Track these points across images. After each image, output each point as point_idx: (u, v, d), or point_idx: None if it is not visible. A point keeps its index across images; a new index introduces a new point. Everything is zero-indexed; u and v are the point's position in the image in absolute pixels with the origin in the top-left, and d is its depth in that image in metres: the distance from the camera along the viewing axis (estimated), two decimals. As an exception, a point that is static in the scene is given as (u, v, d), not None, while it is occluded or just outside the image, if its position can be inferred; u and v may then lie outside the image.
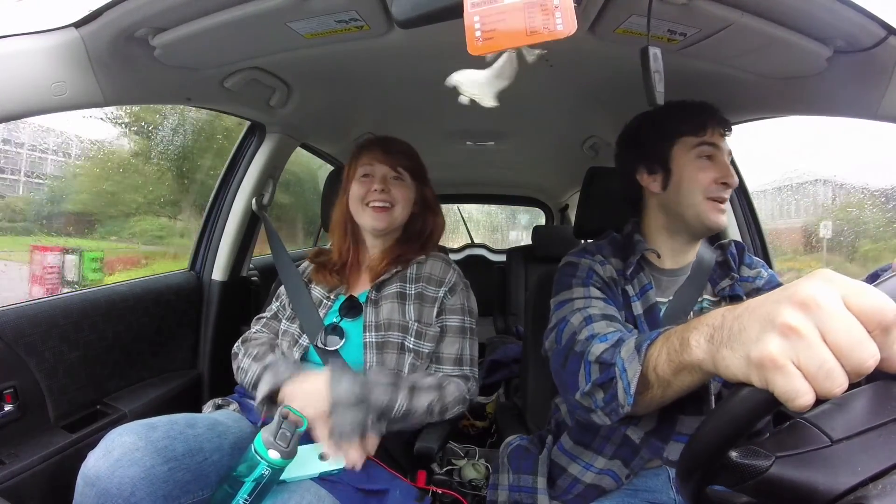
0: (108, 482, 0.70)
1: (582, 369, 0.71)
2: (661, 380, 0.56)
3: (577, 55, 1.01)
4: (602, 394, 0.67)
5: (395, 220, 1.06)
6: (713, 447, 0.42)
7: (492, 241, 3.94)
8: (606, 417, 0.67)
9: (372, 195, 1.04)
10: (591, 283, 0.86)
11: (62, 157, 1.80)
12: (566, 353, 0.77)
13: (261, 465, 0.74)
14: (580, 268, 0.89)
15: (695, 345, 0.49)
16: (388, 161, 1.06)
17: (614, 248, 0.94)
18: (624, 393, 0.61)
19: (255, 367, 0.99)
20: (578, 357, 0.73)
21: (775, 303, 0.37)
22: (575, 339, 0.76)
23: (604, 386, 0.66)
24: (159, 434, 0.77)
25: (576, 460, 0.86)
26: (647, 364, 0.58)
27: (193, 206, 2.02)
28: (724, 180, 0.84)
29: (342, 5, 0.79)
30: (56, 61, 0.77)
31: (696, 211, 0.85)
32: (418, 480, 0.96)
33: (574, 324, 0.79)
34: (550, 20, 0.46)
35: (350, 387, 0.85)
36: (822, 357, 0.33)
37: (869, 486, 0.36)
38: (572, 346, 0.76)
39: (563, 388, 0.78)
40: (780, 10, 0.73)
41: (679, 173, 0.87)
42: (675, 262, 0.92)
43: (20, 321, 0.99)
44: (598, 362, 0.68)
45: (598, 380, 0.67)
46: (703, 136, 0.86)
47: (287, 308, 1.11)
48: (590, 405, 0.69)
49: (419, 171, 1.11)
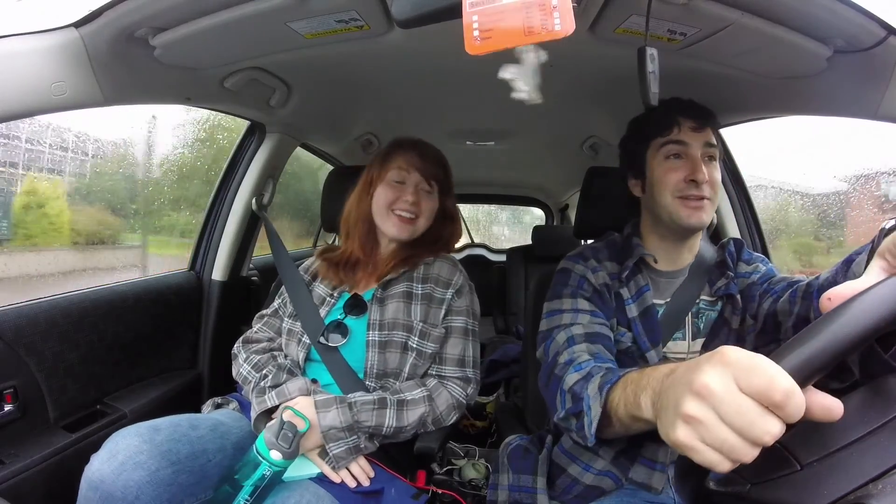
0: (112, 486, 0.70)
1: (558, 395, 0.75)
2: (620, 422, 0.61)
3: (577, 55, 1.01)
4: (575, 421, 0.70)
5: (417, 232, 1.06)
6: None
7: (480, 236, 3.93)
8: (581, 440, 0.70)
9: (401, 204, 1.02)
10: (580, 293, 0.88)
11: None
12: (549, 372, 0.81)
13: (263, 465, 0.75)
14: (572, 276, 0.90)
15: (644, 406, 0.52)
16: (424, 169, 1.05)
17: (611, 250, 0.94)
18: (588, 429, 0.65)
19: (254, 376, 0.99)
20: (557, 381, 0.77)
21: (681, 387, 0.40)
22: (556, 360, 0.80)
23: (576, 415, 0.70)
24: (163, 437, 0.77)
25: (575, 461, 0.86)
26: (608, 406, 0.62)
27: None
28: (692, 177, 0.82)
29: (342, 5, 0.79)
30: (56, 61, 0.77)
31: (668, 211, 0.85)
32: (418, 480, 0.96)
33: (558, 342, 0.82)
34: (548, 20, 0.46)
35: (336, 415, 0.86)
36: (722, 437, 0.36)
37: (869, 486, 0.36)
38: (553, 368, 0.80)
39: (548, 404, 0.81)
40: (780, 10, 0.73)
41: (651, 176, 0.89)
42: (672, 264, 0.92)
43: (20, 321, 0.99)
44: (571, 392, 0.72)
45: (571, 409, 0.71)
46: (669, 135, 0.86)
47: (289, 305, 1.11)
48: (568, 427, 0.73)
49: (447, 183, 1.10)
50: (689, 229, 0.87)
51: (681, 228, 0.87)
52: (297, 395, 0.91)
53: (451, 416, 0.99)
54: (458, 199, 3.71)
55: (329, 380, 0.99)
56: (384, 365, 0.98)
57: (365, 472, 0.87)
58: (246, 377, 1.01)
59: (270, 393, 0.92)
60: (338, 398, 0.89)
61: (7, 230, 1.45)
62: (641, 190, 0.93)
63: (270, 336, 1.12)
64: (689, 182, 0.83)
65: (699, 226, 0.86)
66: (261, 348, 1.07)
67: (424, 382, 0.99)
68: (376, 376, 0.98)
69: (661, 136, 0.86)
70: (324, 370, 0.99)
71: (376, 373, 0.98)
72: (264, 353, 1.05)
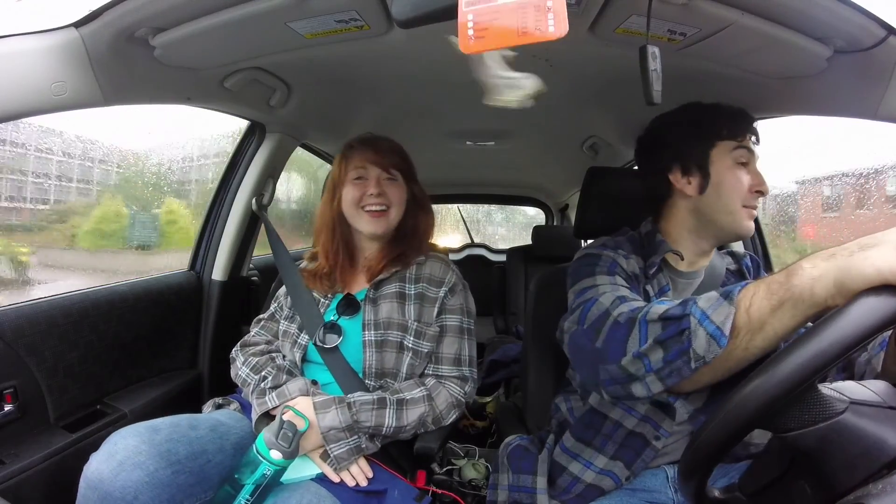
0: (111, 486, 0.70)
1: (634, 333, 0.65)
2: (752, 323, 0.53)
3: (577, 55, 1.01)
4: (662, 352, 0.61)
5: (392, 223, 1.05)
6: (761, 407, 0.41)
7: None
8: (658, 382, 0.62)
9: (368, 199, 1.02)
10: (616, 272, 0.83)
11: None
12: (598, 326, 0.72)
13: (263, 465, 0.75)
14: (603, 258, 0.86)
15: (808, 266, 0.48)
16: (381, 162, 1.04)
17: (633, 245, 0.92)
18: (706, 341, 0.56)
19: (253, 378, 0.99)
20: (627, 324, 0.67)
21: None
22: (610, 313, 0.72)
23: (667, 342, 0.61)
24: (162, 437, 0.77)
25: (576, 458, 0.86)
26: (738, 306, 0.55)
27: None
28: (760, 188, 0.83)
29: (342, 5, 0.79)
30: (56, 61, 0.77)
31: (732, 218, 0.84)
32: (418, 480, 0.96)
33: (604, 303, 0.74)
34: (542, 22, 0.46)
35: (336, 416, 0.86)
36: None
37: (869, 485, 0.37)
38: (607, 319, 0.71)
39: (594, 360, 0.71)
40: (780, 10, 0.73)
41: (718, 178, 0.85)
42: (693, 265, 0.91)
43: (20, 321, 0.99)
44: (662, 319, 0.63)
45: (661, 336, 0.61)
46: (743, 140, 0.85)
47: (285, 308, 1.11)
48: (637, 370, 0.64)
49: (409, 170, 1.10)
50: (740, 237, 0.87)
51: (734, 235, 0.87)
52: (297, 395, 0.91)
53: (450, 415, 0.99)
54: (459, 199, 3.72)
55: (329, 379, 0.99)
56: (382, 364, 0.98)
57: (364, 473, 0.87)
58: (245, 379, 1.01)
59: (271, 394, 0.92)
60: (336, 398, 0.89)
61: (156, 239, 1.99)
62: (698, 189, 0.87)
63: (268, 339, 1.12)
64: (755, 192, 0.84)
65: (749, 235, 0.87)
66: (258, 351, 1.06)
67: (423, 382, 0.99)
68: (375, 376, 0.98)
69: (734, 140, 0.85)
70: (323, 370, 0.99)
71: (375, 372, 0.98)
72: (262, 355, 1.05)
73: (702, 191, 0.86)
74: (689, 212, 0.89)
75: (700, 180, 0.86)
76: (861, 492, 0.37)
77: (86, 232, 1.86)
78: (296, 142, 1.58)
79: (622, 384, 0.67)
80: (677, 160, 0.89)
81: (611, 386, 0.69)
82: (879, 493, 0.35)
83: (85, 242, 1.84)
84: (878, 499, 0.35)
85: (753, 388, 0.41)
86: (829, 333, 0.38)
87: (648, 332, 0.64)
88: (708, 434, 0.44)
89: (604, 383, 0.70)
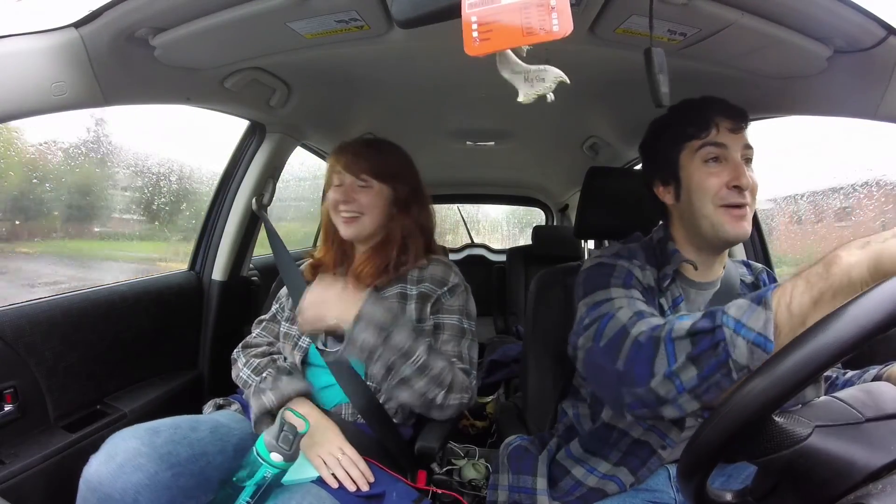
0: (110, 488, 0.70)
1: (661, 352, 0.62)
2: (794, 319, 0.52)
3: (577, 55, 1.01)
4: (695, 370, 0.58)
5: (365, 229, 1.03)
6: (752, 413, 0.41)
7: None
8: (694, 401, 0.59)
9: (340, 206, 1.02)
10: (632, 284, 0.78)
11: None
12: (617, 344, 0.68)
13: (263, 467, 0.75)
14: (617, 269, 0.81)
15: (845, 255, 0.48)
16: (351, 169, 1.03)
17: (647, 254, 0.86)
18: (748, 349, 0.54)
19: (254, 379, 0.99)
20: (650, 343, 0.63)
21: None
22: (628, 331, 0.67)
23: (699, 358, 0.58)
24: (163, 439, 0.76)
25: (581, 463, 0.85)
26: (776, 306, 0.53)
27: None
28: (735, 182, 0.76)
29: (342, 5, 0.79)
30: (56, 61, 0.77)
31: (710, 222, 0.78)
32: (418, 480, 0.96)
33: (622, 318, 0.70)
34: (547, 21, 0.46)
35: (381, 312, 0.89)
36: None
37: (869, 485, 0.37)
38: (626, 338, 0.67)
39: (617, 382, 0.67)
40: (780, 10, 0.73)
41: (687, 181, 0.81)
42: (705, 276, 0.86)
43: (20, 321, 0.99)
44: (690, 334, 0.59)
45: (693, 353, 0.58)
46: (706, 136, 0.79)
47: (286, 309, 1.10)
48: (668, 392, 0.60)
49: (386, 171, 1.04)
50: (730, 241, 0.80)
51: (722, 240, 0.80)
52: (293, 395, 0.91)
53: (459, 396, 0.94)
54: (459, 199, 3.70)
55: (331, 381, 0.98)
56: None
57: (365, 477, 0.86)
58: (246, 381, 1.01)
59: (269, 394, 0.92)
60: (388, 306, 0.92)
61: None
62: (675, 198, 0.84)
63: (270, 340, 1.11)
64: (732, 188, 0.76)
65: (743, 237, 0.79)
66: (260, 352, 1.06)
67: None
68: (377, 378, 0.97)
69: (698, 138, 0.79)
70: (325, 373, 0.99)
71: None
72: (264, 356, 1.04)
73: (677, 198, 0.84)
74: (679, 221, 0.86)
75: (674, 187, 0.84)
76: (861, 492, 0.37)
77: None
78: (296, 142, 1.58)
79: (651, 408, 0.63)
80: (656, 172, 0.87)
81: (638, 409, 0.65)
82: (879, 493, 0.35)
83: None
84: (879, 499, 0.35)
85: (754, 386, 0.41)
86: (848, 316, 0.37)
87: (677, 351, 0.60)
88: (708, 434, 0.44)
89: (629, 406, 0.66)
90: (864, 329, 0.36)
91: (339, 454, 0.87)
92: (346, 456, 0.87)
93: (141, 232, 1.84)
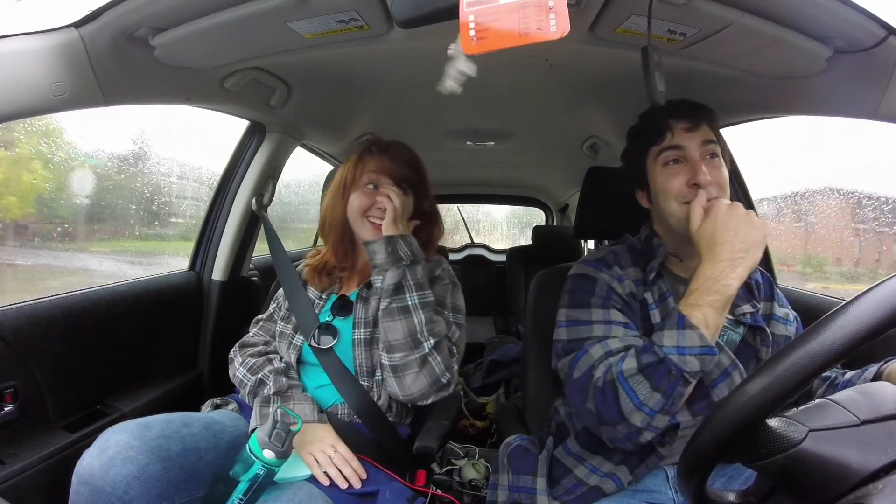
0: (101, 481, 0.70)
1: (621, 393, 0.72)
2: (711, 329, 0.70)
3: (577, 55, 1.01)
4: (659, 395, 0.70)
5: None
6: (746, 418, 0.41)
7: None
8: (664, 416, 0.71)
9: (375, 211, 0.99)
10: (611, 304, 0.84)
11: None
12: (584, 385, 0.78)
13: (256, 464, 0.75)
14: (598, 285, 0.85)
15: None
16: (395, 175, 1.01)
17: (633, 254, 0.90)
18: (699, 361, 0.70)
19: (250, 379, 0.98)
20: (609, 387, 0.74)
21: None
22: (593, 375, 0.77)
23: (660, 385, 0.70)
24: (154, 433, 0.77)
25: (583, 462, 0.86)
26: (698, 323, 0.70)
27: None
28: (694, 181, 0.80)
29: (342, 5, 0.79)
30: (56, 61, 0.77)
31: (677, 218, 0.82)
32: (418, 480, 0.96)
33: (593, 356, 0.78)
34: (544, 21, 0.46)
35: (416, 246, 0.97)
36: None
37: (869, 485, 0.36)
38: (590, 381, 0.77)
39: (592, 420, 0.78)
40: (780, 10, 0.73)
41: (654, 185, 0.87)
42: (690, 270, 0.86)
43: (20, 321, 0.99)
44: (641, 370, 0.71)
45: (654, 383, 0.70)
46: (663, 141, 0.83)
47: (282, 308, 1.10)
48: (643, 420, 0.71)
49: (421, 184, 1.06)
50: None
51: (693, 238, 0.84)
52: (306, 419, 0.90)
53: (440, 372, 0.92)
54: (459, 199, 3.73)
55: (325, 381, 0.98)
56: (371, 361, 0.97)
57: (357, 475, 0.86)
58: (241, 380, 1.01)
59: (276, 405, 0.91)
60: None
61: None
62: (648, 201, 0.91)
63: (266, 340, 1.11)
64: (692, 186, 0.80)
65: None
66: (256, 352, 1.06)
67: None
68: (367, 373, 0.98)
69: (655, 144, 0.85)
70: (319, 372, 0.99)
71: (366, 370, 0.98)
72: (260, 356, 1.04)
73: (650, 201, 0.90)
74: (657, 221, 0.91)
75: (647, 192, 0.90)
76: (861, 491, 0.37)
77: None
78: (296, 142, 1.58)
79: (632, 440, 0.74)
80: (632, 178, 0.93)
81: (620, 442, 0.76)
82: (880, 493, 0.35)
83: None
84: (879, 499, 0.35)
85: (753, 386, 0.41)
86: (835, 326, 0.38)
87: (634, 387, 0.71)
88: (705, 436, 0.44)
89: (612, 441, 0.77)
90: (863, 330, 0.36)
91: (331, 452, 0.87)
92: (339, 454, 0.87)
93: (182, 233, 2.03)
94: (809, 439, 0.40)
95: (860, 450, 0.38)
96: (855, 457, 0.38)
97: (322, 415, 0.95)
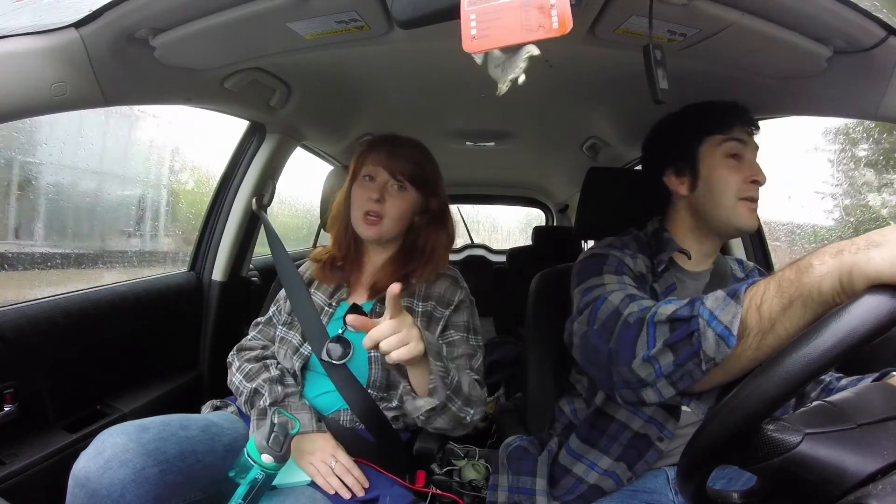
0: (97, 483, 0.69)
1: (643, 334, 0.64)
2: (763, 321, 0.52)
3: (577, 56, 1.01)
4: (672, 356, 0.60)
5: (385, 234, 1.00)
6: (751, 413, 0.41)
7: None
8: (670, 387, 0.62)
9: (367, 204, 0.98)
10: (623, 271, 0.83)
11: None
12: (609, 326, 0.71)
13: (254, 468, 0.74)
14: (610, 258, 0.85)
15: (818, 263, 0.47)
16: (390, 167, 0.99)
17: (640, 245, 0.91)
18: (715, 342, 0.56)
19: (245, 386, 0.97)
20: (636, 324, 0.66)
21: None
22: (620, 312, 0.70)
23: (676, 346, 0.60)
24: (151, 435, 0.76)
25: (581, 459, 0.86)
26: (747, 306, 0.54)
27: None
28: (755, 178, 0.83)
29: (342, 5, 0.79)
30: (56, 61, 0.77)
31: (728, 212, 0.84)
32: (418, 481, 0.95)
33: (614, 301, 0.74)
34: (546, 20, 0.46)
35: (431, 337, 0.80)
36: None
37: (868, 486, 0.36)
38: (618, 319, 0.70)
39: (607, 362, 0.70)
40: (780, 11, 0.73)
41: (708, 174, 0.85)
42: (699, 265, 0.90)
43: (20, 321, 0.99)
44: (671, 320, 0.62)
45: (670, 339, 0.60)
46: (729, 132, 0.85)
47: (283, 313, 1.08)
48: (648, 375, 0.63)
49: (425, 180, 1.02)
50: (743, 232, 0.87)
51: (736, 231, 0.86)
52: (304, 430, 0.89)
53: (481, 411, 0.89)
54: (459, 199, 3.74)
55: (330, 387, 0.96)
56: (386, 379, 0.95)
57: (360, 483, 0.85)
58: (238, 387, 0.99)
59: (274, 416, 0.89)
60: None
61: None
62: (689, 188, 0.88)
63: (264, 344, 1.09)
64: (751, 183, 0.82)
65: (754, 228, 0.86)
66: (253, 357, 1.04)
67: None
68: (380, 388, 0.96)
69: (720, 133, 0.85)
70: (324, 379, 0.97)
71: (380, 385, 0.96)
72: (256, 361, 1.03)
73: (693, 189, 0.88)
74: (687, 212, 0.90)
75: (690, 179, 0.88)
76: (861, 492, 0.37)
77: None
78: (296, 142, 1.58)
79: (634, 389, 0.66)
80: (670, 162, 0.91)
81: (623, 390, 0.68)
82: (880, 493, 0.35)
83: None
84: (879, 499, 0.35)
85: (753, 388, 0.41)
86: (829, 332, 0.38)
87: (657, 335, 0.63)
88: (707, 434, 0.44)
89: (616, 386, 0.69)
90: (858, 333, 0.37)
91: (331, 462, 0.86)
92: (340, 463, 0.86)
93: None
94: (806, 443, 0.39)
95: (857, 452, 0.38)
96: (852, 459, 0.38)
97: (321, 423, 0.93)
